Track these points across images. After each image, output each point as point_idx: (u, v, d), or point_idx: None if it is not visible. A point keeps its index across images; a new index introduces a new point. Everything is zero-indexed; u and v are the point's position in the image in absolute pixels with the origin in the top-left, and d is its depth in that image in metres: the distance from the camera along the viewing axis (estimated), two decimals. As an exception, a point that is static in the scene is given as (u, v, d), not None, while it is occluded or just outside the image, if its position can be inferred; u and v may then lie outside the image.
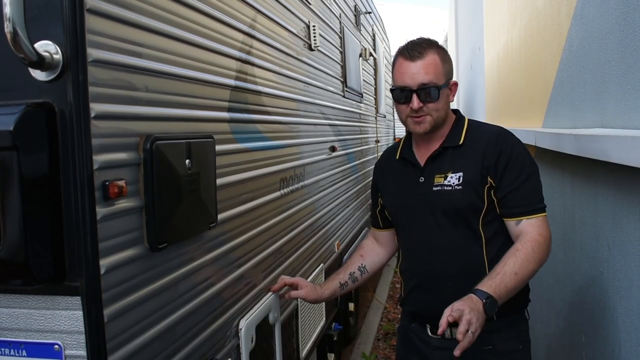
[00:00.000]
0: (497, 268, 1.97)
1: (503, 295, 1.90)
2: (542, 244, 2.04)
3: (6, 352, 1.48)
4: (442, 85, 2.09)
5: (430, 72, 2.08)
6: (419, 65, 2.08)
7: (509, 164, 2.07)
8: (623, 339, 2.32)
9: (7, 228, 1.36)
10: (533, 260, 1.99)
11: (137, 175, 1.56)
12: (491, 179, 2.08)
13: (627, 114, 2.28)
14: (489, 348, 2.09)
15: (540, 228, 2.06)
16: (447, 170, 2.13)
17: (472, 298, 1.86)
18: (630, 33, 2.22)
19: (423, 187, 2.18)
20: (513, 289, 1.94)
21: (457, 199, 2.10)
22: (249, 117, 2.40)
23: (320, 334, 3.67)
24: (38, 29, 1.33)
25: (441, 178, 2.14)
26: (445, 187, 2.12)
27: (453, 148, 2.17)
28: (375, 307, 6.41)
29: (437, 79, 2.09)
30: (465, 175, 2.10)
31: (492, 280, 1.92)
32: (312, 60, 3.56)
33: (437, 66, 2.10)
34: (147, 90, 1.63)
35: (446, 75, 2.13)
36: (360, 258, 2.53)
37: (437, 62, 2.10)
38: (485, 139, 2.14)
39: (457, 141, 2.17)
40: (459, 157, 2.15)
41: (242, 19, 2.34)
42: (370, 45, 6.68)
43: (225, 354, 2.12)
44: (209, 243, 1.99)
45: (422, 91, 2.07)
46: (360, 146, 5.68)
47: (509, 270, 1.95)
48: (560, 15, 3.42)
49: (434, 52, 2.11)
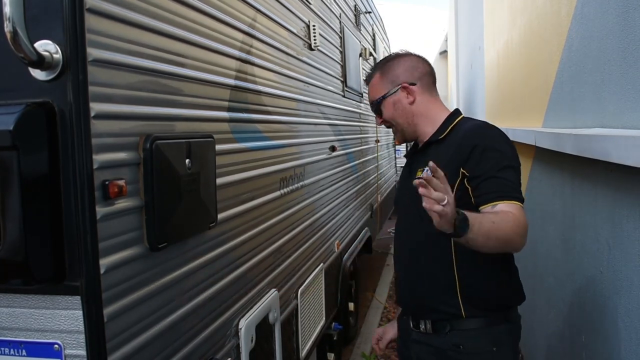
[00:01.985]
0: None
1: (476, 226, 1.78)
2: (519, 222, 1.92)
3: (6, 351, 1.48)
4: (379, 99, 2.26)
5: (371, 92, 2.31)
6: (369, 89, 2.34)
7: (484, 154, 2.03)
8: (623, 339, 2.32)
9: (7, 227, 1.36)
10: (509, 227, 1.89)
11: (137, 174, 1.56)
12: (465, 170, 2.03)
13: (627, 114, 2.28)
14: (459, 347, 2.11)
15: (517, 211, 1.94)
16: (425, 163, 2.03)
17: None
18: (630, 33, 2.22)
19: (408, 181, 2.16)
20: (486, 231, 1.82)
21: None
22: (249, 116, 2.40)
23: (320, 334, 3.67)
24: (38, 28, 1.33)
25: (420, 171, 2.16)
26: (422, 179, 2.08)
27: (435, 142, 2.20)
28: (375, 306, 6.41)
29: (375, 95, 2.28)
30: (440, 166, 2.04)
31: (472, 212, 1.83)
32: (312, 60, 3.56)
33: (376, 85, 2.29)
34: (147, 90, 1.63)
35: (386, 86, 2.25)
36: None
37: (377, 80, 2.29)
38: (464, 132, 2.14)
39: (440, 136, 2.20)
40: (438, 150, 2.17)
41: (242, 18, 2.34)
42: (370, 45, 6.68)
43: (225, 353, 2.12)
44: (209, 243, 1.99)
45: (372, 109, 2.33)
46: (360, 146, 5.68)
47: (489, 217, 1.88)
48: (560, 15, 3.42)
49: (376, 73, 2.30)
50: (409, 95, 2.24)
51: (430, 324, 2.17)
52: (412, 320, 2.26)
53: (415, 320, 2.23)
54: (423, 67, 2.30)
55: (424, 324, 2.19)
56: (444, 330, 2.14)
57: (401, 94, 2.24)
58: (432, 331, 2.17)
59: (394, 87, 2.24)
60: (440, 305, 2.13)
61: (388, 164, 8.62)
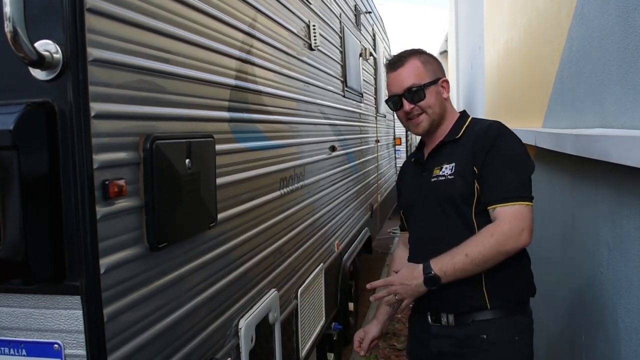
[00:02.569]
0: (457, 246, 2.07)
1: (449, 272, 2.04)
2: (507, 232, 2.04)
3: (6, 351, 1.48)
4: (425, 84, 2.25)
5: (412, 75, 2.26)
6: (401, 72, 2.27)
7: (490, 152, 2.12)
8: (623, 339, 2.32)
9: (7, 227, 1.36)
10: (490, 245, 2.03)
11: (137, 174, 1.56)
12: (476, 168, 2.14)
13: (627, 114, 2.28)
14: (483, 337, 2.17)
15: (513, 217, 2.06)
16: (443, 162, 2.24)
17: (418, 269, 2.10)
18: (631, 33, 2.22)
19: (424, 180, 2.29)
20: (461, 269, 2.03)
21: (450, 188, 2.19)
22: (249, 116, 2.40)
23: (320, 334, 3.67)
24: (38, 28, 1.33)
25: (437, 170, 2.24)
26: (440, 178, 2.22)
27: (450, 142, 2.27)
28: (374, 307, 6.40)
29: (419, 80, 2.25)
30: (457, 165, 2.19)
31: (444, 257, 2.07)
32: (312, 60, 3.56)
33: (418, 69, 2.27)
34: (147, 90, 1.63)
35: (431, 74, 2.27)
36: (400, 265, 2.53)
37: (418, 65, 2.27)
38: (477, 131, 2.23)
39: (455, 136, 2.27)
40: (454, 149, 2.24)
41: (243, 18, 2.34)
42: (370, 45, 6.68)
43: (225, 353, 2.12)
44: (209, 243, 1.99)
45: (409, 94, 2.25)
46: (360, 146, 5.68)
47: (462, 250, 2.04)
48: (561, 15, 3.42)
49: (414, 58, 2.29)
50: (445, 91, 2.32)
51: (453, 316, 2.22)
52: (431, 316, 2.29)
53: (435, 314, 2.27)
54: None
55: (445, 317, 2.23)
56: (467, 321, 2.19)
57: (440, 87, 2.30)
58: (455, 323, 2.22)
59: (436, 78, 2.29)
60: (466, 298, 2.17)
61: (388, 164, 8.62)
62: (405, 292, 2.13)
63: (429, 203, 2.27)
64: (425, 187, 2.28)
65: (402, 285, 2.13)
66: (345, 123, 4.77)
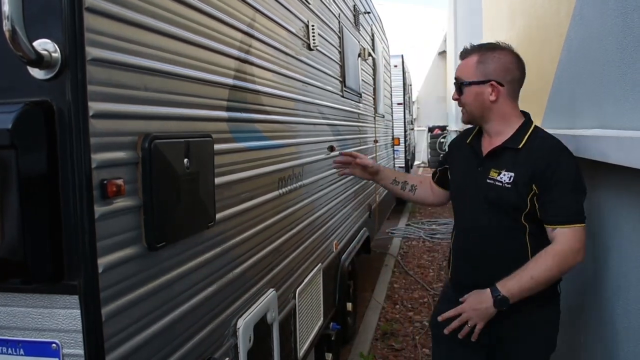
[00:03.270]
0: (521, 268, 2.24)
1: (516, 294, 2.23)
2: (567, 254, 2.22)
3: (3, 350, 1.47)
4: (466, 83, 2.39)
5: (462, 69, 2.42)
6: (460, 63, 2.45)
7: (554, 176, 2.24)
8: (622, 339, 2.32)
9: (5, 227, 1.36)
10: (553, 267, 2.22)
11: (135, 174, 1.56)
12: (536, 187, 2.26)
13: (626, 115, 2.28)
14: (521, 319, 2.34)
15: (570, 239, 2.22)
16: (502, 168, 2.35)
17: (486, 293, 2.27)
18: (630, 34, 2.22)
19: (479, 176, 2.42)
20: (528, 290, 2.23)
21: (504, 196, 2.32)
22: (247, 116, 2.40)
23: (318, 334, 3.67)
24: (37, 27, 1.33)
25: (495, 173, 2.36)
26: (497, 182, 2.34)
27: (512, 149, 2.36)
28: (373, 307, 6.41)
29: (464, 77, 2.40)
30: (515, 176, 2.31)
31: (510, 279, 2.24)
32: (311, 60, 3.56)
33: (470, 66, 2.39)
34: (146, 89, 1.63)
35: (480, 75, 2.36)
36: (419, 182, 2.95)
37: (473, 62, 2.38)
38: (541, 149, 2.32)
39: (517, 144, 2.36)
40: (515, 159, 2.34)
41: (241, 18, 2.34)
42: (369, 45, 6.68)
43: (223, 353, 2.12)
44: (207, 242, 1.99)
45: (455, 84, 2.45)
46: (359, 146, 5.68)
47: (527, 273, 2.22)
48: (560, 15, 3.42)
49: (475, 54, 2.39)
50: (494, 93, 2.36)
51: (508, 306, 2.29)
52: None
53: None
54: (517, 72, 2.42)
55: None
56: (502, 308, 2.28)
57: (486, 89, 2.36)
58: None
59: (484, 80, 2.36)
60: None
61: (387, 164, 8.62)
62: (478, 316, 2.30)
63: (481, 200, 2.40)
64: (480, 182, 2.40)
65: (473, 310, 2.31)
66: (343, 123, 4.77)
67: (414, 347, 5.28)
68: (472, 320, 2.31)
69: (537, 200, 2.27)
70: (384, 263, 8.24)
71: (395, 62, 11.80)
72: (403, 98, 12.76)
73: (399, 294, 6.85)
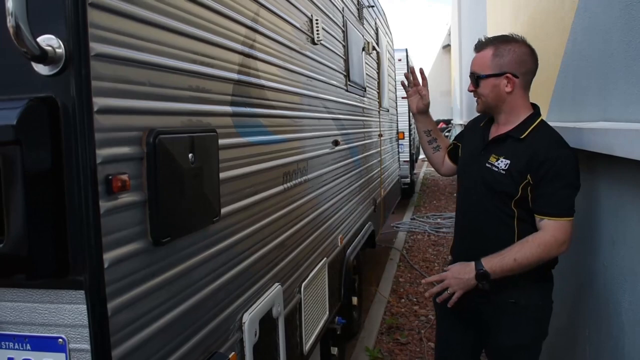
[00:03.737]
0: (506, 249, 2.38)
1: (498, 272, 2.38)
2: (552, 244, 2.35)
3: (10, 345, 1.48)
4: (482, 76, 2.50)
5: (478, 63, 2.53)
6: (475, 57, 2.56)
7: (549, 171, 2.35)
8: (627, 332, 2.32)
9: (11, 222, 1.36)
10: (536, 254, 2.35)
11: (140, 169, 1.56)
12: (530, 177, 2.38)
13: (631, 107, 2.28)
14: (512, 301, 2.48)
15: (557, 231, 2.35)
16: (501, 155, 2.49)
17: (470, 266, 2.43)
18: (635, 26, 2.21)
19: (480, 158, 2.57)
20: (509, 270, 2.37)
21: (497, 181, 2.46)
22: (252, 111, 2.40)
23: (324, 328, 3.67)
24: (40, 23, 1.33)
25: (494, 159, 2.50)
26: (493, 167, 2.49)
27: (514, 139, 2.49)
28: (378, 301, 6.42)
29: (480, 70, 2.51)
30: (511, 165, 2.44)
31: (494, 257, 2.39)
32: (315, 54, 3.56)
33: (485, 59, 2.49)
34: (150, 85, 1.63)
35: (495, 67, 2.47)
36: (443, 147, 3.09)
37: (488, 55, 2.49)
38: (541, 142, 2.43)
39: (520, 135, 2.48)
40: (515, 148, 2.46)
41: (245, 12, 2.34)
42: (373, 39, 6.67)
43: (229, 347, 2.12)
44: (212, 237, 1.99)
45: (471, 77, 2.56)
46: (364, 140, 5.67)
47: (511, 255, 2.36)
48: (564, 8, 3.41)
49: (490, 48, 2.50)
50: (509, 85, 2.48)
51: (487, 282, 2.44)
52: None
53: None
54: (531, 63, 2.52)
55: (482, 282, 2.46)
56: (500, 286, 2.44)
57: (502, 81, 2.48)
58: (489, 288, 2.45)
59: (500, 72, 2.47)
60: None
61: (391, 158, 8.61)
62: (457, 284, 2.46)
63: (478, 182, 2.56)
64: (480, 165, 2.55)
65: (455, 279, 2.47)
66: (348, 117, 4.77)
67: (419, 340, 5.29)
68: (452, 287, 2.47)
69: (531, 191, 2.39)
70: (389, 257, 8.25)
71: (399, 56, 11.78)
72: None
73: (404, 288, 6.85)
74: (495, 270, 2.38)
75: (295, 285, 3.02)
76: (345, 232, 4.50)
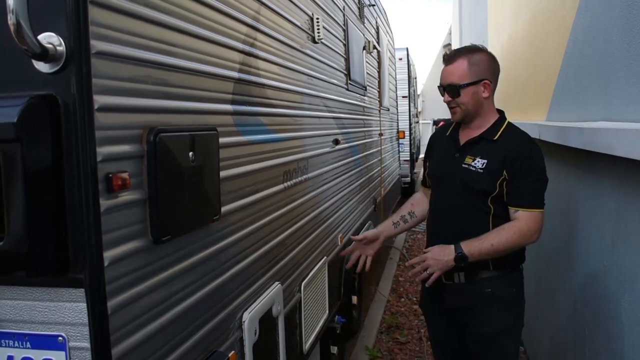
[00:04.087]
0: (483, 235, 2.54)
1: (476, 255, 2.52)
2: (525, 232, 2.52)
3: (10, 343, 1.48)
4: (463, 85, 2.60)
5: (455, 74, 2.61)
6: (448, 68, 2.65)
7: (522, 166, 2.53)
8: (626, 332, 2.32)
9: (11, 220, 1.36)
10: (511, 240, 2.51)
11: (140, 167, 1.56)
12: (506, 173, 2.54)
13: (632, 107, 2.28)
14: (488, 291, 2.64)
15: (530, 220, 2.53)
16: (477, 155, 2.63)
17: (449, 248, 2.56)
18: (635, 26, 2.21)
19: (456, 161, 2.69)
20: (486, 254, 2.52)
21: (476, 180, 2.59)
22: (252, 109, 2.40)
23: (324, 327, 3.67)
24: (41, 20, 1.33)
25: (470, 159, 2.64)
26: (471, 167, 2.62)
27: (488, 140, 2.65)
28: (378, 300, 6.42)
29: (460, 80, 2.60)
30: (488, 163, 2.58)
31: (473, 242, 2.53)
32: (316, 53, 3.55)
33: (462, 69, 2.60)
34: (151, 83, 1.62)
35: (473, 76, 2.59)
36: (411, 206, 3.11)
37: (464, 66, 2.60)
38: (513, 141, 2.62)
39: (493, 136, 2.65)
40: (489, 148, 2.62)
41: (246, 11, 2.33)
42: (374, 38, 6.67)
43: (229, 346, 2.12)
44: (213, 236, 1.99)
45: (449, 88, 2.64)
46: (364, 139, 5.67)
47: (489, 240, 2.52)
48: (565, 8, 3.41)
49: (464, 58, 2.62)
50: (486, 91, 2.64)
51: (464, 275, 2.66)
52: (444, 275, 2.66)
53: (448, 274, 2.66)
54: (498, 70, 2.71)
55: (457, 276, 2.67)
56: (475, 279, 2.65)
57: (480, 88, 2.62)
58: (465, 281, 2.66)
59: (478, 80, 2.61)
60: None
61: (392, 157, 8.61)
62: (436, 265, 2.58)
63: (456, 183, 2.66)
64: (456, 168, 2.67)
65: (434, 260, 2.58)
66: (348, 116, 4.77)
67: (419, 340, 5.29)
68: (432, 268, 2.59)
69: (506, 185, 2.55)
70: (389, 256, 8.25)
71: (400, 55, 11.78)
72: (408, 91, 12.74)
73: (404, 287, 6.85)
74: (474, 253, 2.52)
75: (295, 284, 3.02)
76: (345, 231, 4.50)
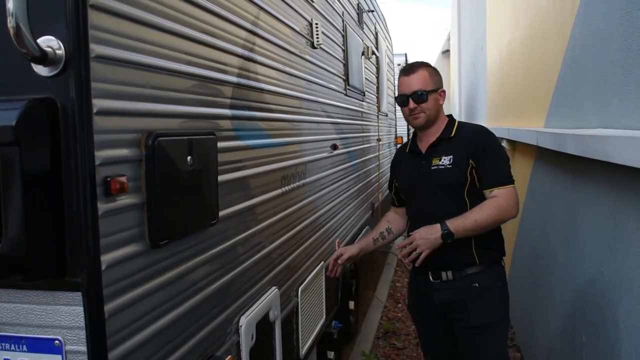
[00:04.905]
0: (468, 212, 2.73)
1: (461, 231, 2.70)
2: (505, 207, 2.72)
3: (7, 347, 1.48)
4: (429, 91, 2.86)
5: (421, 82, 2.87)
6: (413, 78, 2.89)
7: (485, 151, 2.77)
8: (623, 338, 2.32)
9: (9, 223, 1.36)
10: (492, 215, 2.70)
11: (138, 171, 1.56)
12: (472, 161, 2.76)
13: (629, 115, 2.28)
14: (475, 285, 2.80)
15: (507, 195, 2.74)
16: (442, 154, 2.85)
17: (435, 227, 2.72)
18: (634, 33, 2.22)
19: (425, 167, 2.89)
20: (470, 230, 2.70)
21: (448, 175, 2.80)
22: (251, 114, 2.40)
23: (321, 332, 3.67)
24: (41, 24, 1.33)
25: (437, 160, 2.85)
26: (440, 166, 2.83)
27: (446, 139, 2.89)
28: (375, 305, 6.41)
29: (425, 86, 2.86)
30: (454, 158, 2.81)
31: (457, 219, 2.70)
32: (315, 58, 3.56)
33: (426, 78, 2.88)
34: (150, 87, 1.63)
35: (434, 84, 2.90)
36: (387, 222, 3.29)
37: (426, 75, 2.89)
38: (469, 133, 2.90)
39: (449, 135, 2.89)
40: (451, 145, 2.86)
41: (245, 16, 2.34)
42: (372, 43, 6.68)
43: (226, 350, 2.12)
44: (210, 240, 1.99)
45: (415, 95, 2.86)
46: (362, 144, 5.68)
47: (472, 217, 2.70)
48: (564, 15, 3.42)
49: (423, 69, 2.91)
50: (441, 98, 2.95)
51: (451, 272, 2.83)
52: (432, 274, 2.88)
53: (436, 273, 2.87)
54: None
55: (445, 274, 2.85)
56: (462, 275, 2.81)
57: (438, 95, 2.92)
58: (453, 278, 2.83)
59: (437, 88, 2.90)
60: (460, 257, 2.80)
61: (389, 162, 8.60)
62: (425, 244, 2.73)
63: (430, 186, 2.86)
64: (427, 173, 2.86)
65: (422, 239, 2.74)
66: (347, 121, 4.77)
67: (415, 345, 5.28)
68: (420, 247, 2.73)
69: (476, 173, 2.76)
70: (386, 261, 8.25)
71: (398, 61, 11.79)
72: (406, 97, 12.71)
73: (401, 293, 6.85)
74: (459, 230, 2.69)
75: (293, 289, 3.02)
76: (343, 236, 4.50)
